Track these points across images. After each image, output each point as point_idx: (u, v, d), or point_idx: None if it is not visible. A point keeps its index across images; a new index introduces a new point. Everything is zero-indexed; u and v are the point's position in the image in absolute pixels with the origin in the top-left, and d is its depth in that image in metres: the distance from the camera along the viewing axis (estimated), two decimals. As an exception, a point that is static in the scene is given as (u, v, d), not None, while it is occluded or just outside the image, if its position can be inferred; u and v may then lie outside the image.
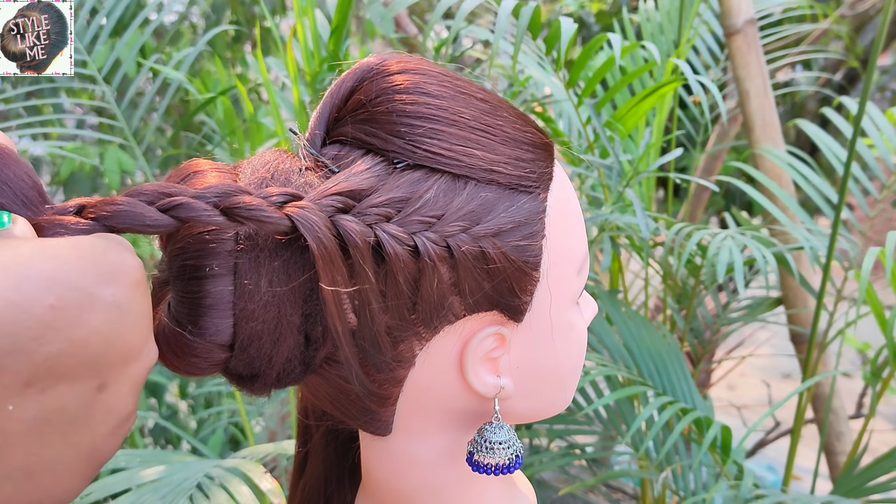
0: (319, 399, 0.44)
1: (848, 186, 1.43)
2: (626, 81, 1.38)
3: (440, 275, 0.40)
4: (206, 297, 0.37)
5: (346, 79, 0.44)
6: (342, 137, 0.42)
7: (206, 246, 0.38)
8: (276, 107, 1.48)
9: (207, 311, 0.38)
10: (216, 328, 0.38)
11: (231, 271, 0.38)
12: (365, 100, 0.42)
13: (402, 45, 2.12)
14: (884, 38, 1.37)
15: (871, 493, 1.35)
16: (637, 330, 1.46)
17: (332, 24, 1.34)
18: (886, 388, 1.41)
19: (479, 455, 0.44)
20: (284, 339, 0.39)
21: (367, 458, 0.49)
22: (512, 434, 0.45)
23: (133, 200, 0.35)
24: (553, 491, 1.79)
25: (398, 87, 0.41)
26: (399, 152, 0.40)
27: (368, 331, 0.40)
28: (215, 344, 0.38)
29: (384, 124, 0.41)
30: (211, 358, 0.39)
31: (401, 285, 0.39)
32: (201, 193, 0.36)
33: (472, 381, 0.43)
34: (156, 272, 0.41)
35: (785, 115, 3.70)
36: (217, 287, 0.37)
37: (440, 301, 0.40)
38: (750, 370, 3.76)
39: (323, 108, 0.44)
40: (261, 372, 0.40)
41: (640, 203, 1.27)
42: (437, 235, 0.39)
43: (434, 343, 0.42)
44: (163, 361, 0.39)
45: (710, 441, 1.23)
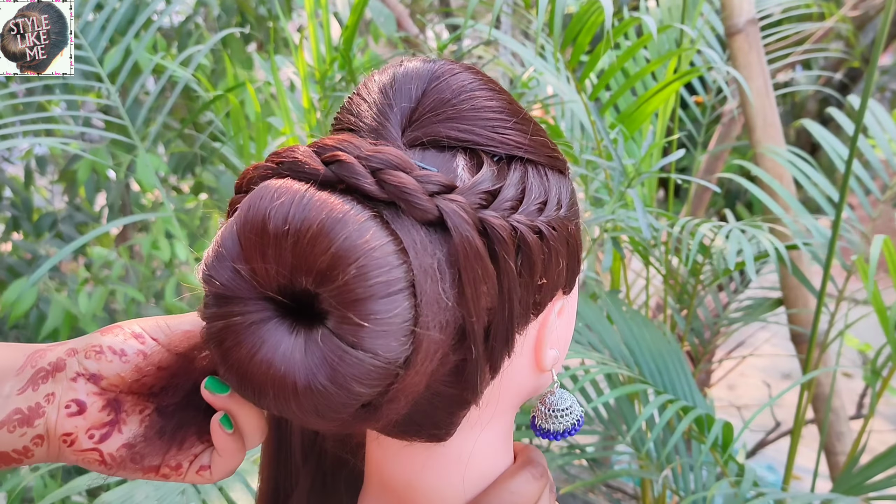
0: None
1: (849, 185, 1.43)
2: (640, 75, 1.38)
3: (558, 256, 0.42)
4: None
5: (406, 81, 0.42)
6: (427, 138, 0.41)
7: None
8: (285, 106, 1.48)
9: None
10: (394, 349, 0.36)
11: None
12: (448, 98, 0.42)
13: (404, 46, 2.12)
14: (885, 37, 1.37)
15: (869, 492, 1.35)
16: (638, 329, 1.46)
17: (346, 25, 1.35)
18: (886, 388, 1.41)
19: (547, 423, 0.46)
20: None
21: (404, 466, 0.45)
22: (573, 399, 0.47)
23: (302, 148, 0.37)
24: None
25: (472, 84, 0.42)
26: (495, 146, 0.42)
27: (504, 327, 0.40)
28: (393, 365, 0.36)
29: (475, 121, 0.41)
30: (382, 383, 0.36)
31: (535, 273, 0.40)
32: (368, 156, 0.37)
33: (543, 357, 0.44)
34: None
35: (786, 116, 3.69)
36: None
37: (556, 283, 0.43)
38: (750, 370, 3.75)
39: (387, 112, 0.42)
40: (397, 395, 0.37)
41: (641, 203, 1.27)
42: (547, 219, 0.41)
43: (528, 329, 0.43)
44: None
45: (713, 440, 1.23)
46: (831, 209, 1.54)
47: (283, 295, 0.36)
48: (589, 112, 1.37)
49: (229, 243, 0.37)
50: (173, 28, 2.25)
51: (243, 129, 1.56)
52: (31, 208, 2.12)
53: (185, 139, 2.18)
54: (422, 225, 0.37)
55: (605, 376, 1.48)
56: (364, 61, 1.86)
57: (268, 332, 0.36)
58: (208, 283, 0.37)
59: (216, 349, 0.37)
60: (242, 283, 0.36)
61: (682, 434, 1.23)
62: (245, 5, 2.25)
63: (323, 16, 1.42)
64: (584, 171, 1.46)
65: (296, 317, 0.37)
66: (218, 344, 0.37)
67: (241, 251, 0.36)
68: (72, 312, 1.78)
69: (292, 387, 0.35)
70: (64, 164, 2.22)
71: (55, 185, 2.37)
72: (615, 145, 1.39)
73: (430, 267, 0.36)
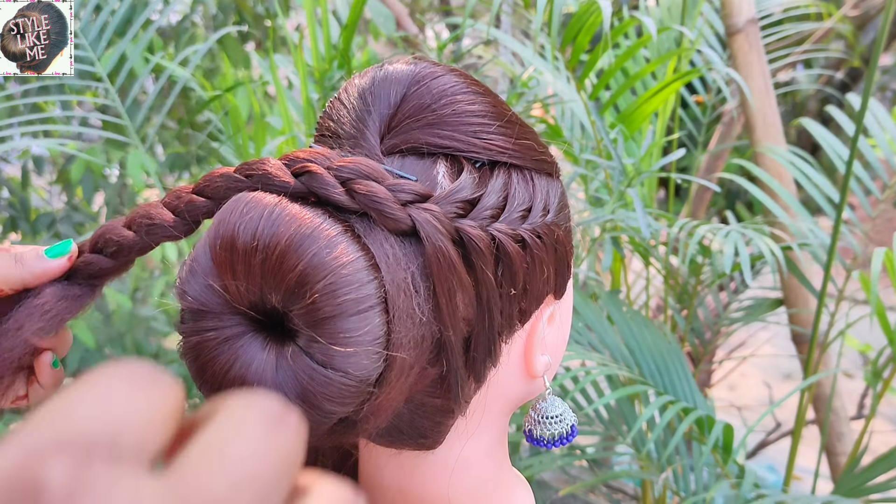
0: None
1: (850, 185, 1.43)
2: (640, 75, 1.38)
3: (543, 264, 0.41)
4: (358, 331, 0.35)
5: (385, 86, 0.41)
6: (406, 145, 0.40)
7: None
8: (283, 105, 1.47)
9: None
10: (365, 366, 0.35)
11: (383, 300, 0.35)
12: (428, 103, 0.40)
13: (404, 45, 2.12)
14: (885, 37, 1.36)
15: (870, 493, 1.35)
16: (638, 330, 1.46)
17: (345, 23, 1.35)
18: (887, 389, 1.41)
19: (539, 430, 0.46)
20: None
21: (394, 473, 0.45)
22: (565, 405, 0.46)
23: (273, 161, 0.36)
24: (553, 491, 1.79)
25: (454, 87, 0.41)
26: (478, 152, 0.40)
27: (485, 337, 0.39)
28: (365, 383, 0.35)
29: (456, 126, 0.40)
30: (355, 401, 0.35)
31: (517, 283, 0.40)
32: (338, 167, 0.36)
33: (534, 364, 0.44)
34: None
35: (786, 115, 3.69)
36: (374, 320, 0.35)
37: (542, 291, 0.42)
38: (751, 370, 3.75)
39: (366, 119, 0.41)
40: (375, 410, 0.37)
41: (640, 202, 1.27)
42: (532, 226, 0.40)
43: (514, 337, 0.43)
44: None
45: (714, 441, 1.22)
46: (831, 209, 1.54)
47: (254, 311, 0.35)
48: (589, 112, 1.37)
49: (202, 258, 0.36)
50: (170, 27, 2.24)
51: (242, 129, 1.56)
52: (29, 208, 2.12)
53: (182, 138, 2.18)
54: (395, 236, 0.36)
55: (606, 377, 1.48)
56: (363, 60, 1.85)
57: (241, 347, 0.35)
58: (182, 298, 0.36)
59: (192, 364, 0.36)
60: (215, 298, 0.35)
61: (682, 435, 1.23)
62: (243, 4, 2.24)
63: (322, 14, 1.42)
64: (584, 171, 1.46)
65: (269, 332, 0.36)
66: (193, 359, 0.36)
67: (212, 266, 0.35)
68: None
69: None
70: (62, 164, 2.22)
71: (53, 185, 2.36)
72: (615, 145, 1.39)
73: (404, 281, 0.35)
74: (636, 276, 2.03)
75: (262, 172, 0.37)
